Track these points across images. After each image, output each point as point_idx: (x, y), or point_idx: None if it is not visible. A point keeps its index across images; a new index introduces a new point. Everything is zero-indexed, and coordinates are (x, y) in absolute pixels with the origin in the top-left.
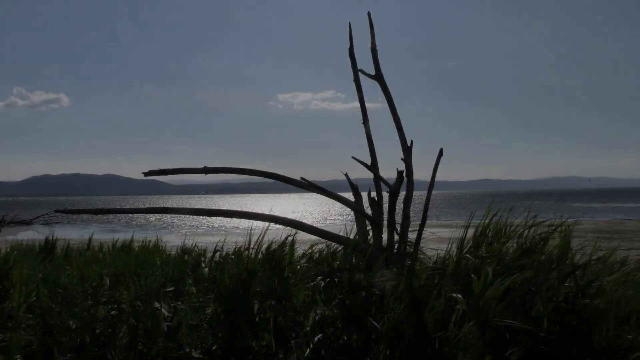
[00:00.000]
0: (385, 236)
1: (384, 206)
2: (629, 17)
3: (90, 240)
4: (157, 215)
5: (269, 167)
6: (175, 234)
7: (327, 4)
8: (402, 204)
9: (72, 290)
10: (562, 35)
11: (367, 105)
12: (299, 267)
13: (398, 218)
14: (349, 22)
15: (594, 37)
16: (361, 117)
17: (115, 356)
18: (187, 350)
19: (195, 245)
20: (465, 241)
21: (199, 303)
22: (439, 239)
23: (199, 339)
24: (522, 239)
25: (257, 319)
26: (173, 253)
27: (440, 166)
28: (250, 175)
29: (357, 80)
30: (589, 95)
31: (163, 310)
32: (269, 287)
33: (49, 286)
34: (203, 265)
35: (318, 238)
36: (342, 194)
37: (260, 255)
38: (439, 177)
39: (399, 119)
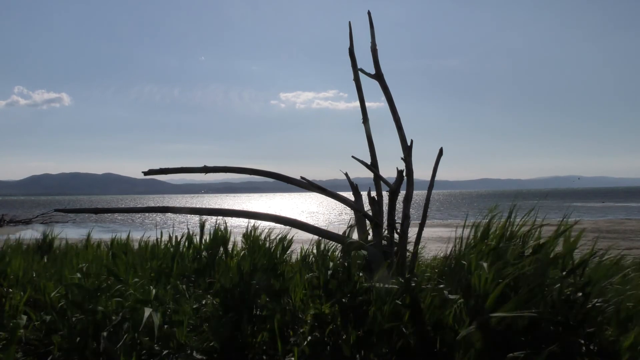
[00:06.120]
0: (385, 235)
1: (384, 205)
2: (630, 16)
3: (88, 237)
4: (159, 215)
5: (269, 166)
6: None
7: (330, 3)
8: (402, 204)
9: (74, 286)
10: (562, 35)
11: (367, 104)
12: (297, 265)
13: (398, 217)
14: (349, 22)
15: (595, 37)
16: (361, 117)
17: (117, 357)
18: (188, 351)
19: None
20: (466, 240)
21: (199, 300)
22: (439, 238)
23: (199, 338)
24: (523, 237)
25: (257, 316)
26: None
27: (440, 165)
28: (251, 174)
29: (357, 80)
30: (590, 95)
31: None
32: (268, 283)
33: (48, 283)
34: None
35: (319, 237)
36: (342, 193)
37: (258, 252)
38: (439, 176)
39: (399, 118)
